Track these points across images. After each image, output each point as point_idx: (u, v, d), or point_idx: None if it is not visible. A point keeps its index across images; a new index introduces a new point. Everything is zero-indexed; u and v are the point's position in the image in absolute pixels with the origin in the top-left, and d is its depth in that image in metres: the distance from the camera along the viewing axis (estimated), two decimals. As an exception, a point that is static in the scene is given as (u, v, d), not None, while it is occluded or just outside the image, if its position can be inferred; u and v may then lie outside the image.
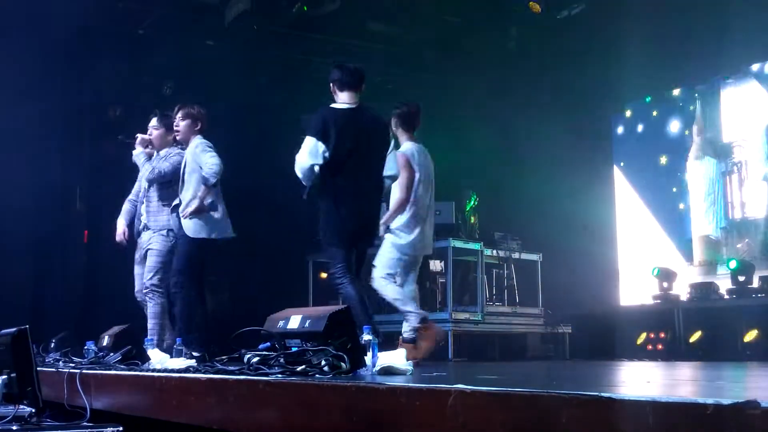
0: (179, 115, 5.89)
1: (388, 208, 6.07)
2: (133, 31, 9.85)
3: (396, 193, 6.02)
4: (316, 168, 4.97)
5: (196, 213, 5.66)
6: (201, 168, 5.71)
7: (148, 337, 5.85)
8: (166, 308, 5.82)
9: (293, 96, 10.46)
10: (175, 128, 5.93)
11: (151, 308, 5.89)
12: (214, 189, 5.75)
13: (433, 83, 10.54)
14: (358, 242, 5.16)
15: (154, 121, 6.25)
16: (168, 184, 6.02)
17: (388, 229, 6.08)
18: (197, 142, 5.81)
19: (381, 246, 6.14)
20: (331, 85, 5.20)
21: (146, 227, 6.19)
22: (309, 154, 4.93)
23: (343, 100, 5.17)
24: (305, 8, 9.20)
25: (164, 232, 6.00)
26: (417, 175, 6.09)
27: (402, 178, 5.94)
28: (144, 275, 6.02)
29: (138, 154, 6.13)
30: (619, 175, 10.45)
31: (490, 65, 10.00)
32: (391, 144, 5.44)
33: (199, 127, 5.83)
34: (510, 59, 9.93)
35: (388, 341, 5.63)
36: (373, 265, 6.09)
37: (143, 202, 6.25)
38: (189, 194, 5.73)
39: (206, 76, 10.08)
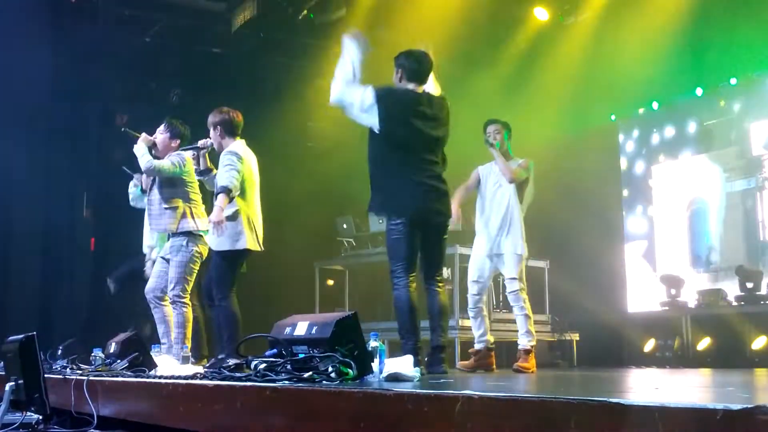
0: (161, 127, 6.03)
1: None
2: (139, 39, 9.90)
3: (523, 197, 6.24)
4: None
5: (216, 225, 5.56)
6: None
7: (169, 344, 5.87)
8: (188, 318, 5.86)
9: (300, 103, 10.47)
10: (153, 137, 6.04)
11: (175, 318, 5.92)
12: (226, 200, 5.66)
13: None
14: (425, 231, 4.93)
15: (162, 127, 6.27)
16: (171, 186, 6.00)
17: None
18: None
19: (508, 257, 6.14)
20: (398, 71, 5.19)
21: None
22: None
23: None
24: (312, 15, 9.22)
25: (184, 241, 5.96)
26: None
27: (523, 182, 6.26)
28: (168, 284, 5.98)
29: (139, 146, 6.04)
30: (626, 181, 10.43)
31: (497, 72, 9.99)
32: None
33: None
34: (517, 65, 9.93)
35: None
36: (513, 278, 6.08)
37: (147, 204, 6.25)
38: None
39: (213, 84, 10.10)
